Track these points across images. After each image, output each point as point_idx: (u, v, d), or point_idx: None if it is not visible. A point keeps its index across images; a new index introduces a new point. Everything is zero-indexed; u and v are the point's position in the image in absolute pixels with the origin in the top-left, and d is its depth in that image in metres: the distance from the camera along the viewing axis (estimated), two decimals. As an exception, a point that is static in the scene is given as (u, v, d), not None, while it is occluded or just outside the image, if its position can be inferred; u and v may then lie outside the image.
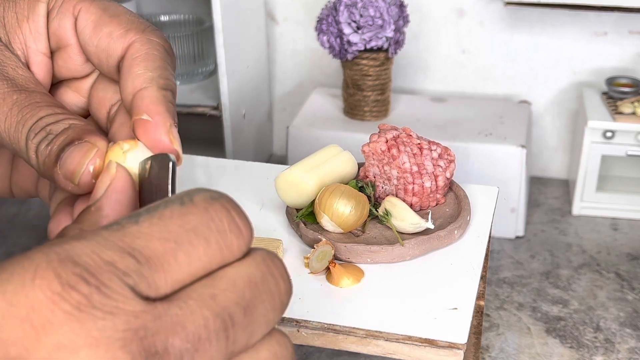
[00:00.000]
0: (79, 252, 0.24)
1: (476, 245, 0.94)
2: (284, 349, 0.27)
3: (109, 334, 0.23)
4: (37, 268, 0.23)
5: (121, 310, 0.23)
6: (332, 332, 0.82)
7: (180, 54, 1.70)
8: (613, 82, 1.63)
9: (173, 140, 0.34)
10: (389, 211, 0.94)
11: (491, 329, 1.34)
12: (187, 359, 0.24)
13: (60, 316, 0.23)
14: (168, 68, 0.36)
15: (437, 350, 0.79)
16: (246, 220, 0.28)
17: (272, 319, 0.26)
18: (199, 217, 0.26)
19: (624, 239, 1.60)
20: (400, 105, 1.71)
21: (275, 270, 0.27)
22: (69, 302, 0.23)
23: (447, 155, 1.01)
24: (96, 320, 0.23)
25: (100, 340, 0.23)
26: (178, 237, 0.25)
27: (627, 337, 1.31)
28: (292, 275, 0.89)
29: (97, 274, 0.23)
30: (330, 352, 1.27)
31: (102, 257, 0.24)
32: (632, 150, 1.58)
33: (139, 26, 0.37)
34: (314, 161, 0.99)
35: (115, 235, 0.25)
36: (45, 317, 0.22)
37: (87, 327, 0.23)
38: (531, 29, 1.71)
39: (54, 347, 0.22)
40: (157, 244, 0.25)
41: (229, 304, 0.25)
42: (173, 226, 0.25)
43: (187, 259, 0.25)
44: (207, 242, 0.26)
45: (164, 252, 0.25)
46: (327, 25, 1.55)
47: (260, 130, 1.86)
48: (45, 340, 0.22)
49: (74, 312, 0.23)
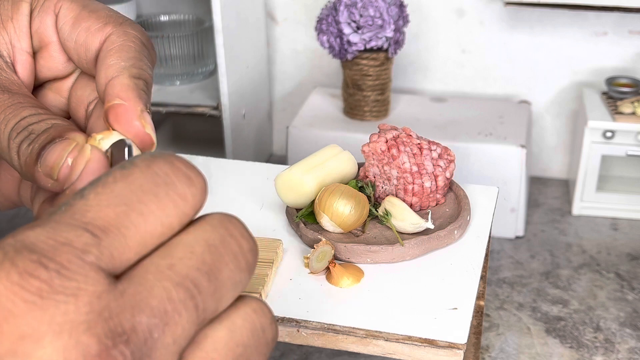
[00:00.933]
0: (33, 240, 0.23)
1: (476, 245, 0.94)
2: (261, 317, 0.26)
3: (72, 317, 0.22)
4: None
5: (84, 292, 0.23)
6: (332, 332, 0.82)
7: (180, 54, 1.70)
8: (613, 82, 1.63)
9: (145, 125, 0.34)
10: (389, 211, 0.94)
11: (491, 329, 1.34)
12: (157, 334, 0.23)
13: (22, 306, 0.22)
14: (143, 59, 0.36)
15: (437, 350, 0.79)
16: (194, 168, 0.26)
17: (240, 280, 0.26)
18: (142, 175, 0.25)
19: (624, 239, 1.60)
20: (400, 105, 1.71)
21: (234, 230, 0.27)
22: (29, 291, 0.22)
23: (447, 155, 1.01)
24: (58, 305, 0.22)
25: (63, 325, 0.22)
26: (126, 199, 0.25)
27: (627, 337, 1.31)
28: (292, 275, 0.89)
29: (54, 257, 0.23)
30: (330, 352, 1.27)
31: (57, 239, 0.23)
32: (632, 150, 1.58)
33: (117, 20, 0.37)
34: (313, 161, 0.99)
35: (65, 215, 0.24)
36: (5, 308, 0.22)
37: (50, 314, 0.22)
38: (531, 29, 1.71)
39: (17, 337, 0.22)
40: (108, 210, 0.24)
41: (189, 271, 0.24)
42: (118, 190, 0.25)
43: (141, 218, 0.24)
44: (157, 197, 0.25)
45: (117, 217, 0.24)
46: (327, 25, 1.55)
47: (260, 130, 1.86)
48: (7, 331, 0.22)
49: (36, 300, 0.22)
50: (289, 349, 1.28)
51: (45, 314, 0.22)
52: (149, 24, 1.77)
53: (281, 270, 0.90)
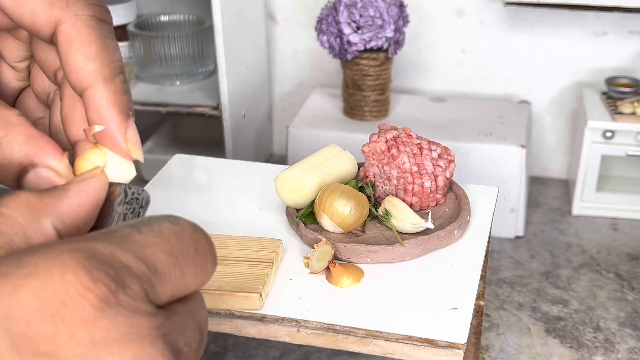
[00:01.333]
0: (102, 252, 0.24)
1: (476, 245, 0.94)
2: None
3: (137, 330, 0.23)
4: (65, 264, 0.23)
5: (142, 310, 0.24)
6: (332, 332, 0.82)
7: (180, 54, 1.70)
8: (613, 82, 1.63)
9: (130, 148, 0.33)
10: (388, 211, 0.94)
11: (491, 329, 1.34)
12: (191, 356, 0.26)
13: (92, 312, 0.23)
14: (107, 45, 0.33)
15: (437, 350, 0.79)
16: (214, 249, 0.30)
17: None
18: (189, 238, 0.27)
19: (624, 239, 1.60)
20: (400, 105, 1.71)
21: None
22: (99, 297, 0.23)
23: (447, 155, 1.01)
24: (124, 316, 0.23)
25: (130, 336, 0.23)
26: (176, 254, 0.27)
27: (626, 337, 1.31)
28: (292, 275, 0.89)
29: (119, 273, 0.24)
30: (330, 352, 1.27)
31: (121, 259, 0.25)
32: (632, 150, 1.58)
33: None
34: (313, 161, 0.99)
35: (126, 242, 0.25)
36: (77, 313, 0.23)
37: (117, 323, 0.23)
38: (531, 29, 1.71)
39: (89, 342, 0.23)
40: (162, 256, 0.26)
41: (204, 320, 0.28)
42: (172, 243, 0.27)
43: (180, 275, 0.27)
44: (195, 264, 0.27)
45: (167, 265, 0.26)
46: (327, 25, 1.55)
47: (260, 130, 1.86)
48: (79, 335, 0.23)
49: (104, 308, 0.23)
50: (289, 349, 1.28)
51: (113, 323, 0.23)
52: (149, 24, 1.77)
53: (281, 270, 0.90)
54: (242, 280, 0.85)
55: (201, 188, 1.11)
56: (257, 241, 0.91)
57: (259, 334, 0.85)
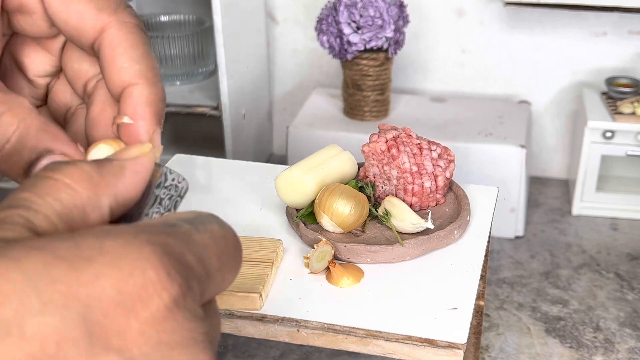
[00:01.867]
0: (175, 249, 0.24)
1: (476, 245, 0.94)
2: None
3: (195, 335, 0.23)
4: (148, 259, 0.23)
5: (199, 315, 0.24)
6: (332, 332, 0.82)
7: (180, 54, 1.70)
8: (613, 82, 1.63)
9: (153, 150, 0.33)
10: (388, 211, 0.94)
11: (491, 329, 1.34)
12: None
13: (164, 312, 0.23)
14: (150, 52, 0.34)
15: (437, 350, 0.80)
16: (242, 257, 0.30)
17: None
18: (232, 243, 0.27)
19: (624, 239, 1.60)
20: (400, 105, 1.71)
21: None
22: (172, 298, 0.23)
23: (447, 155, 1.01)
24: (187, 320, 0.23)
25: (190, 340, 0.23)
26: (224, 258, 0.26)
27: (626, 337, 1.31)
28: (292, 275, 0.89)
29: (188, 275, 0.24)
30: (330, 352, 1.27)
31: (187, 259, 0.24)
32: (632, 150, 1.58)
33: (111, 5, 0.35)
34: (313, 161, 0.99)
35: (190, 240, 0.25)
36: (150, 310, 0.22)
37: (182, 326, 0.23)
38: (531, 29, 1.72)
39: (156, 342, 0.22)
40: (214, 259, 0.26)
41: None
42: (221, 247, 0.27)
43: (221, 279, 0.26)
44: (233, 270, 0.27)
45: (216, 269, 0.26)
46: (327, 25, 1.55)
47: (260, 130, 1.86)
48: (149, 334, 0.22)
49: (174, 309, 0.23)
50: (289, 349, 1.28)
51: (179, 326, 0.23)
52: (149, 24, 1.77)
53: (281, 270, 0.90)
54: (242, 280, 0.85)
55: (201, 188, 1.11)
56: (257, 241, 0.91)
57: (259, 334, 0.85)
